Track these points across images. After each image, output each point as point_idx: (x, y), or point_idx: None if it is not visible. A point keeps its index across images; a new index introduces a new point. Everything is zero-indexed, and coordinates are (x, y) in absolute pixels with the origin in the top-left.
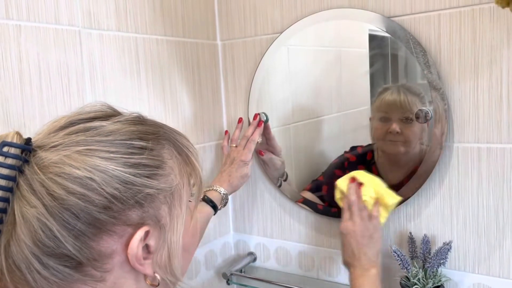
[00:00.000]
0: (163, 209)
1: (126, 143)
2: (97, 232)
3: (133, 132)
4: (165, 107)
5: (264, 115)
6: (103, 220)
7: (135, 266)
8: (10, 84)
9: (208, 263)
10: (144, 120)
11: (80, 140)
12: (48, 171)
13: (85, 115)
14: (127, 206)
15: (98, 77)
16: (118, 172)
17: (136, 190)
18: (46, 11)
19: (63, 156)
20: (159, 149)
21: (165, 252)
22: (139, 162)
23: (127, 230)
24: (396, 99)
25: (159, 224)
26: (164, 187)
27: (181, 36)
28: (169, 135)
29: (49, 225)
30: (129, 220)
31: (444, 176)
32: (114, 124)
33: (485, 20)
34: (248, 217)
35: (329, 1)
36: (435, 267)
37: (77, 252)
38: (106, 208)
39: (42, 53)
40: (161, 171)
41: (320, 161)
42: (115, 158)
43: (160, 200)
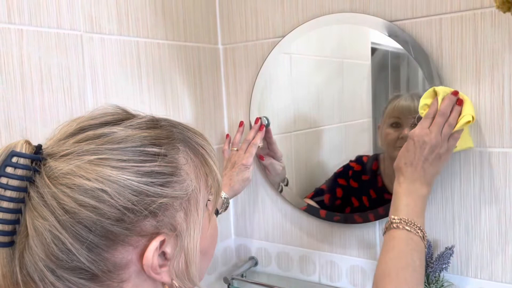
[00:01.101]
0: (179, 216)
1: (138, 150)
2: (110, 244)
3: (145, 138)
4: (166, 111)
5: (266, 119)
6: (116, 232)
7: (151, 275)
8: (12, 88)
9: (210, 267)
10: (157, 122)
11: (90, 149)
12: (58, 183)
13: (95, 120)
14: (141, 217)
15: (99, 81)
16: (130, 182)
17: (150, 201)
18: (48, 16)
19: (74, 167)
20: (174, 154)
21: (182, 259)
22: (152, 170)
23: (142, 241)
24: (410, 105)
25: (175, 231)
26: (179, 194)
27: (182, 40)
28: (184, 135)
29: (61, 238)
30: (143, 231)
31: (446, 180)
32: (126, 129)
33: (486, 25)
34: (250, 222)
35: (331, 6)
36: (437, 272)
37: (91, 264)
38: (119, 220)
39: (44, 57)
40: (175, 178)
41: (320, 170)
42: (127, 167)
43: (176, 207)
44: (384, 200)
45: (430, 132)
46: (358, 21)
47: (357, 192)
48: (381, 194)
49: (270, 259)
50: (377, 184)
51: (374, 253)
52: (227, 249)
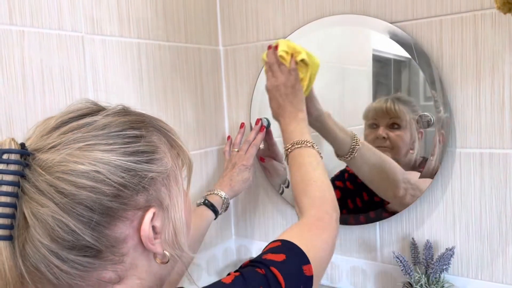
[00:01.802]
0: (163, 191)
1: (121, 134)
2: (110, 220)
3: (125, 123)
4: (167, 112)
5: (266, 120)
6: (115, 208)
7: (147, 246)
8: (13, 89)
9: (210, 268)
10: (129, 111)
11: (77, 138)
12: (54, 171)
13: (74, 113)
14: (135, 192)
15: (100, 83)
16: (120, 162)
17: (140, 176)
18: (49, 17)
19: (66, 155)
20: (150, 135)
21: (171, 229)
22: (137, 150)
23: (137, 214)
24: (382, 106)
25: (163, 205)
26: (162, 170)
27: (183, 41)
28: (153, 122)
29: (64, 221)
30: (138, 205)
31: (446, 181)
32: (105, 117)
33: (487, 26)
34: (250, 223)
35: (331, 7)
36: (438, 273)
37: (95, 241)
38: (116, 196)
39: (45, 58)
40: (156, 155)
41: None
42: (114, 149)
43: (160, 182)
44: (375, 202)
45: (276, 78)
46: (358, 23)
47: (353, 194)
48: (372, 197)
49: None
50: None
51: (374, 254)
52: (228, 250)
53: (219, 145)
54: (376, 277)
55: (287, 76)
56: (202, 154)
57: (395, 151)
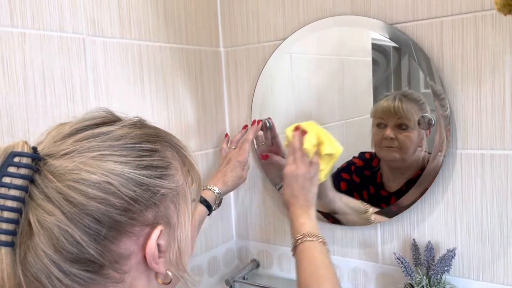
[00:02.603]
0: (172, 208)
1: (136, 147)
2: (117, 234)
3: (141, 136)
4: (168, 113)
5: (268, 122)
6: (123, 222)
7: (151, 265)
8: (14, 91)
9: (211, 269)
10: (145, 123)
11: (92, 146)
12: (65, 179)
13: (90, 121)
14: (144, 207)
15: (101, 84)
16: (133, 175)
17: (152, 191)
18: (50, 19)
19: (79, 163)
20: (164, 151)
21: (175, 249)
22: (151, 164)
23: (145, 230)
24: (390, 105)
25: (169, 222)
26: (173, 187)
27: (184, 43)
28: (168, 137)
29: (70, 232)
30: (146, 221)
31: (447, 182)
32: (121, 128)
33: (487, 27)
34: (251, 224)
35: (332, 9)
36: (439, 274)
37: (99, 256)
38: (126, 210)
39: (47, 60)
40: (169, 171)
41: None
42: (128, 162)
43: (170, 199)
44: (381, 196)
45: (296, 165)
46: (359, 24)
47: (359, 187)
48: (378, 191)
49: (271, 261)
50: (376, 180)
51: (375, 255)
52: (229, 251)
53: (220, 146)
54: (377, 278)
55: (308, 168)
56: (202, 155)
57: (403, 151)
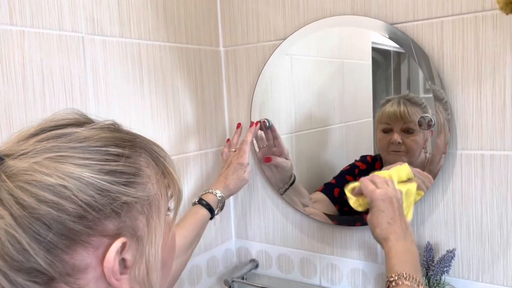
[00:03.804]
0: (140, 220)
1: (101, 150)
2: (70, 244)
3: (109, 139)
4: (167, 113)
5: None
6: (78, 231)
7: (111, 281)
8: (13, 89)
9: (210, 269)
10: (119, 128)
11: (51, 147)
12: (17, 179)
13: (57, 122)
14: (103, 215)
15: (101, 83)
16: (93, 179)
17: (113, 198)
18: (50, 17)
19: (34, 163)
20: (136, 157)
21: (143, 266)
22: (115, 169)
23: (103, 241)
24: (396, 111)
25: (136, 235)
26: (141, 196)
27: (184, 42)
28: (146, 144)
29: (17, 237)
30: (105, 231)
31: (447, 183)
32: (89, 130)
33: (488, 27)
34: (250, 224)
35: (332, 8)
36: (439, 275)
37: (48, 266)
38: (81, 217)
39: (46, 59)
40: (138, 179)
41: (322, 170)
42: (89, 165)
43: (138, 209)
44: None
45: (384, 188)
46: (359, 24)
47: None
48: None
49: (271, 261)
50: None
51: (375, 256)
52: (228, 251)
53: (219, 146)
54: (376, 279)
55: (395, 189)
56: (202, 155)
57: (410, 154)
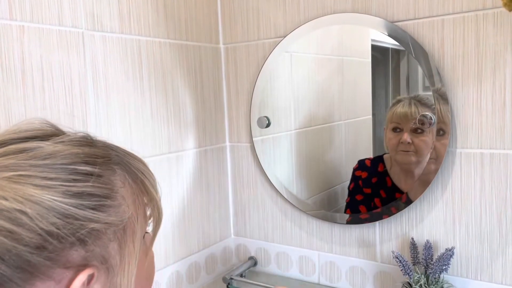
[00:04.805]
0: (112, 247)
1: (68, 168)
2: (27, 277)
3: (78, 155)
4: (167, 109)
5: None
6: (36, 263)
7: None
8: (12, 85)
9: (209, 267)
10: (92, 141)
11: (10, 164)
12: None
13: (19, 134)
14: (66, 245)
15: (100, 79)
16: (56, 204)
17: (78, 225)
18: (49, 13)
19: None
20: (109, 175)
21: None
22: (83, 191)
23: (66, 273)
24: (407, 111)
25: (107, 264)
26: (113, 221)
27: (184, 39)
28: (122, 159)
29: None
30: (69, 262)
31: (447, 181)
32: (55, 145)
33: (488, 26)
34: (249, 221)
35: (332, 6)
36: (437, 273)
37: None
38: (40, 248)
39: (45, 54)
40: (110, 202)
41: (321, 168)
42: (53, 186)
43: (109, 236)
44: (395, 198)
45: None
46: (359, 22)
47: (371, 197)
48: (392, 194)
49: (269, 259)
50: (387, 184)
51: (373, 254)
52: (226, 248)
53: (219, 143)
54: (375, 277)
55: None
56: (201, 152)
57: (419, 154)
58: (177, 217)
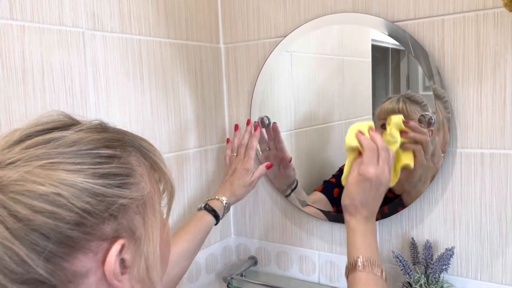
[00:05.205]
0: (137, 220)
1: (92, 153)
2: (70, 251)
3: (99, 141)
4: (167, 109)
5: (267, 119)
6: (76, 238)
7: (112, 282)
8: (13, 84)
9: (209, 266)
10: (107, 127)
11: (40, 154)
12: (8, 191)
13: (42, 126)
14: (101, 220)
15: (101, 79)
16: (88, 185)
17: (109, 202)
18: (50, 12)
19: (24, 173)
20: (127, 156)
21: (142, 264)
22: (109, 172)
23: (102, 245)
24: (394, 107)
25: (134, 235)
26: (136, 196)
27: (184, 39)
28: (133, 141)
29: (15, 250)
30: (104, 235)
31: (447, 181)
32: (76, 133)
33: (489, 26)
34: (249, 221)
35: (333, 6)
36: (437, 273)
37: (49, 275)
38: (79, 224)
39: (46, 54)
40: (131, 180)
41: (322, 168)
42: (82, 170)
43: (134, 210)
44: (387, 198)
45: (383, 171)
46: (360, 21)
47: None
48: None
49: (269, 258)
50: None
51: None
52: (227, 248)
53: (219, 143)
54: None
55: (388, 170)
56: (202, 152)
57: None
58: (177, 217)
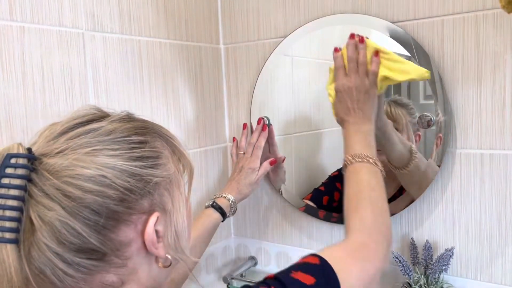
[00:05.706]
0: (166, 195)
1: (126, 140)
2: (116, 224)
3: (130, 129)
4: (167, 110)
5: (267, 119)
6: (121, 212)
7: (151, 250)
8: (13, 86)
9: (209, 266)
10: (133, 117)
11: (84, 143)
12: (61, 175)
13: (80, 119)
14: (140, 196)
15: (101, 80)
16: (126, 167)
17: (146, 180)
18: (50, 13)
19: (73, 160)
20: (153, 142)
21: (173, 233)
22: (142, 155)
23: (142, 218)
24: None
25: (165, 209)
26: (165, 175)
27: (184, 39)
28: (155, 128)
29: (71, 224)
30: (142, 209)
31: (446, 182)
32: (111, 124)
33: (488, 26)
34: (249, 222)
35: (333, 7)
36: (437, 274)
37: (101, 245)
38: (122, 200)
39: (46, 55)
40: (160, 161)
41: (319, 172)
42: (120, 155)
43: (164, 187)
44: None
45: (349, 78)
46: (360, 22)
47: None
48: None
49: (269, 259)
50: None
51: None
52: (227, 248)
53: (219, 143)
54: None
55: (364, 79)
56: (202, 153)
57: None
58: None
